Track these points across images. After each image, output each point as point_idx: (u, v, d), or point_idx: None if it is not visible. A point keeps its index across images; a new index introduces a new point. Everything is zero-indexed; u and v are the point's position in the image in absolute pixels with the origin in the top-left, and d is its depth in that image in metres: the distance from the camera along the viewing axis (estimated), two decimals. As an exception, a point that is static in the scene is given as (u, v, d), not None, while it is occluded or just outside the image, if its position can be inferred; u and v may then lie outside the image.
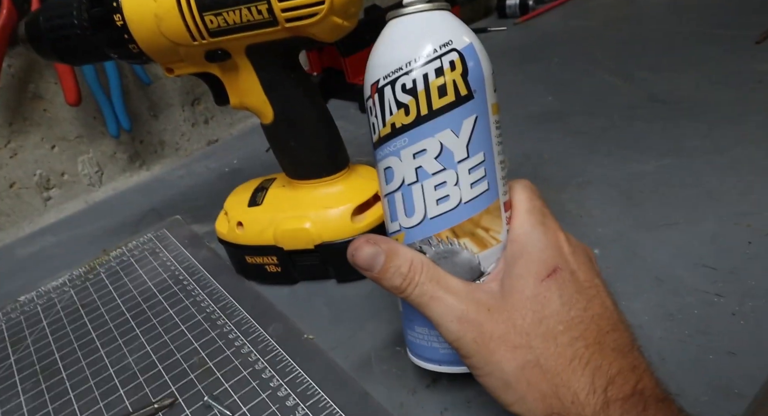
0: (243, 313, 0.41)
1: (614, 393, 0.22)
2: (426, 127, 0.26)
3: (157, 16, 0.34)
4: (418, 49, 0.25)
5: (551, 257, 0.26)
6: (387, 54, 0.26)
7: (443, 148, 0.26)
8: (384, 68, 0.26)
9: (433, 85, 0.25)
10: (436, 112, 0.26)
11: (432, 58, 0.25)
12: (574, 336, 0.24)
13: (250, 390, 0.34)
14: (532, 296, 0.25)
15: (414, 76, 0.25)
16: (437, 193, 0.26)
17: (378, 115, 0.27)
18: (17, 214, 0.60)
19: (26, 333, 0.44)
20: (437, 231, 0.27)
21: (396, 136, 0.26)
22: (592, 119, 0.58)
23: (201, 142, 0.72)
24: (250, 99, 0.38)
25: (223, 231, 0.43)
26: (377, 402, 0.32)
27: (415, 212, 0.27)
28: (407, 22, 0.26)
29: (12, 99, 0.57)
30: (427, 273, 0.26)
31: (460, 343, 0.25)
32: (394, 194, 0.28)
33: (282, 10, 0.33)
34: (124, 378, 0.37)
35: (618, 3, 0.93)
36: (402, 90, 0.26)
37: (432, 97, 0.25)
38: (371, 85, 0.27)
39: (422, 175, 0.26)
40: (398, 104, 0.26)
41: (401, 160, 0.27)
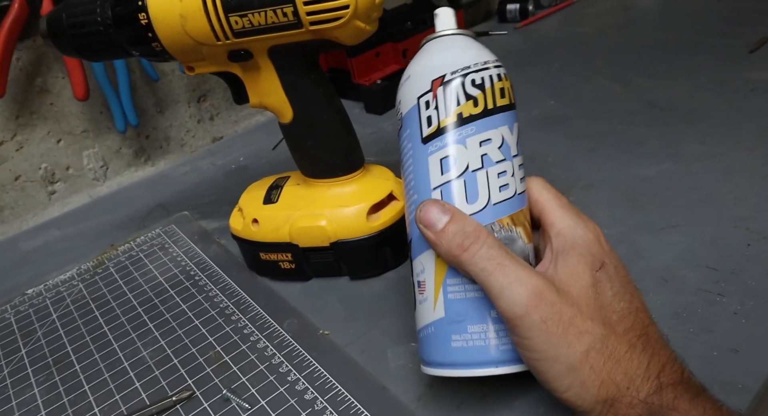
0: (257, 309, 0.41)
1: (666, 378, 0.24)
2: (491, 120, 0.29)
3: (182, 15, 0.35)
4: (481, 55, 0.30)
5: (598, 251, 0.27)
6: (451, 56, 0.30)
7: (504, 141, 0.29)
8: (451, 66, 0.29)
9: (496, 86, 0.30)
10: (498, 109, 0.29)
11: (495, 64, 0.30)
12: (626, 326, 0.25)
13: (268, 384, 0.35)
14: (591, 285, 0.26)
15: (483, 75, 0.29)
16: (500, 181, 0.29)
17: (441, 106, 0.29)
18: (21, 207, 0.60)
19: (36, 326, 0.44)
20: (500, 217, 0.28)
21: (463, 124, 0.29)
22: (593, 123, 0.60)
23: (206, 138, 0.72)
24: (270, 99, 0.39)
25: (237, 228, 0.43)
26: (395, 395, 0.33)
27: (478, 198, 0.28)
28: (457, 39, 0.31)
29: (19, 92, 0.56)
30: (493, 239, 0.26)
31: (523, 320, 0.24)
32: (451, 183, 0.28)
33: (307, 13, 0.33)
34: (140, 371, 0.38)
35: (613, 10, 0.95)
36: (472, 84, 0.29)
37: (495, 95, 0.29)
38: (433, 80, 0.29)
39: (487, 162, 0.29)
40: (467, 96, 0.29)
41: (467, 148, 0.29)
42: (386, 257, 0.43)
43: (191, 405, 0.35)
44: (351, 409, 0.32)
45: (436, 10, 0.32)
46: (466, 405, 0.32)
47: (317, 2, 0.33)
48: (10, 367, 0.40)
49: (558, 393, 0.25)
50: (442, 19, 0.32)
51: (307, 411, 0.33)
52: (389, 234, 0.41)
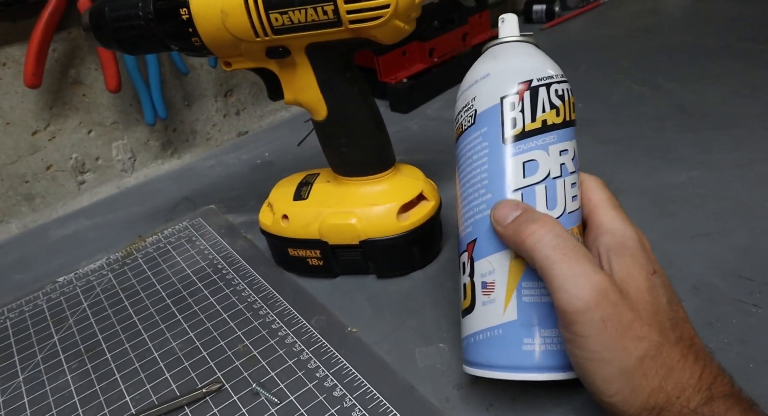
0: (285, 304, 0.42)
1: (717, 390, 0.23)
2: (568, 131, 0.30)
3: (223, 11, 0.35)
4: (556, 68, 0.31)
5: (649, 256, 0.27)
6: (535, 62, 0.30)
7: (575, 153, 0.30)
8: (537, 72, 0.30)
9: (571, 100, 0.31)
10: (571, 122, 0.30)
11: (564, 79, 0.31)
12: (678, 336, 0.25)
13: (297, 380, 0.35)
14: (647, 288, 0.25)
15: (563, 87, 0.30)
16: (573, 191, 0.30)
17: (527, 110, 0.29)
18: (52, 196, 0.61)
19: (68, 314, 0.45)
20: (572, 226, 0.29)
21: (546, 132, 0.29)
22: (621, 128, 0.59)
23: (231, 133, 0.73)
24: (305, 96, 0.39)
25: (267, 223, 0.44)
26: (423, 395, 0.33)
27: (557, 205, 0.29)
28: (535, 47, 0.32)
29: (54, 83, 0.57)
30: (564, 230, 0.26)
31: (583, 317, 0.24)
32: (534, 186, 0.29)
33: (347, 11, 0.33)
34: (169, 362, 0.38)
35: (641, 13, 0.93)
36: (555, 94, 0.30)
37: (571, 109, 0.30)
38: (522, 82, 0.30)
39: (564, 171, 0.29)
40: (551, 105, 0.29)
41: (549, 154, 0.29)
42: (414, 257, 0.43)
43: (221, 398, 0.35)
44: (380, 407, 0.32)
45: (503, 15, 0.33)
46: (495, 408, 0.32)
47: (358, 1, 0.33)
48: (44, 353, 0.41)
49: (604, 396, 0.24)
50: (509, 25, 0.32)
51: (336, 408, 0.33)
52: (418, 234, 0.41)
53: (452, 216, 0.45)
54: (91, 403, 0.36)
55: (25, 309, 0.46)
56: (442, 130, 0.66)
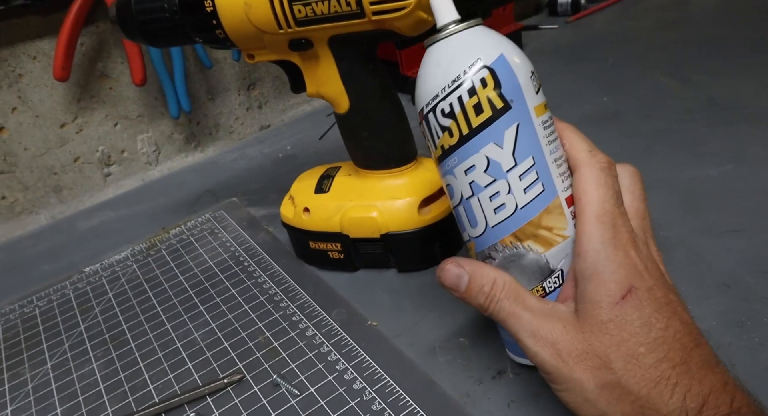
0: (305, 297, 0.42)
1: (710, 413, 0.22)
2: (470, 145, 0.27)
3: (247, 3, 0.35)
4: (449, 73, 0.27)
5: (625, 277, 0.25)
6: (426, 82, 0.28)
7: (490, 161, 0.27)
8: (425, 96, 0.28)
9: (468, 105, 0.27)
10: (476, 130, 0.27)
11: (462, 80, 0.27)
12: (658, 358, 0.24)
13: (317, 372, 0.35)
14: (608, 320, 0.25)
15: (450, 101, 0.27)
16: (493, 203, 0.28)
17: (429, 138, 0.29)
18: (79, 188, 0.62)
19: (93, 303, 0.46)
20: (501, 238, 0.28)
21: (447, 156, 0.28)
22: (649, 121, 0.58)
23: (254, 126, 0.74)
24: (328, 88, 0.39)
25: (288, 216, 0.44)
26: (444, 390, 0.33)
27: (477, 223, 0.29)
28: (439, 47, 0.28)
29: (82, 76, 0.58)
30: (507, 291, 0.27)
31: (537, 359, 0.26)
32: (458, 208, 0.29)
33: (371, 2, 0.33)
34: (192, 352, 0.39)
35: (669, 5, 0.91)
36: (442, 115, 0.27)
37: (469, 116, 0.27)
38: (418, 112, 0.29)
39: (476, 188, 0.28)
40: (442, 128, 0.28)
41: (456, 178, 0.28)
42: (435, 251, 0.42)
43: (242, 388, 0.35)
44: (399, 401, 0.32)
45: None
46: (516, 404, 0.32)
47: (382, -8, 0.33)
48: (71, 341, 0.42)
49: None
50: (436, 12, 0.29)
51: (356, 401, 0.33)
52: (439, 228, 0.41)
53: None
54: (116, 391, 0.37)
55: (53, 297, 0.47)
56: None
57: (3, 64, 0.54)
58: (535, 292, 0.29)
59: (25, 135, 0.57)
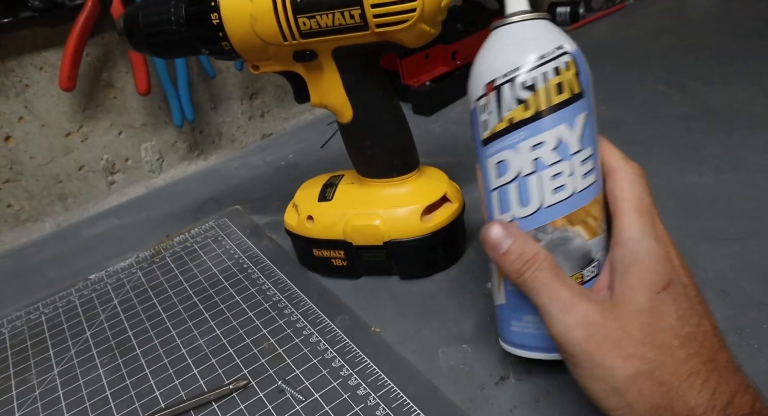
0: (309, 304, 0.42)
1: (734, 411, 0.23)
2: (544, 121, 0.28)
3: (252, 16, 0.36)
4: (536, 49, 0.28)
5: (665, 269, 0.26)
6: (502, 55, 0.29)
7: (560, 141, 0.28)
8: (501, 68, 0.28)
9: (551, 82, 0.28)
10: (554, 108, 0.28)
11: (550, 58, 0.28)
12: (690, 352, 0.24)
13: (321, 378, 0.36)
14: (648, 308, 0.25)
15: (534, 74, 0.28)
16: (554, 183, 0.28)
17: (494, 111, 0.29)
18: (84, 196, 0.63)
19: (99, 310, 0.46)
20: (553, 219, 0.29)
21: (514, 130, 0.28)
22: (646, 129, 0.59)
23: (256, 135, 0.74)
24: (331, 98, 0.39)
25: (292, 224, 0.45)
26: (447, 395, 0.33)
27: (531, 201, 0.29)
28: (517, 29, 0.29)
29: (87, 86, 0.59)
30: (547, 263, 0.27)
31: (566, 337, 0.25)
32: (507, 185, 0.29)
33: (374, 15, 0.34)
34: (197, 358, 0.39)
35: (667, 13, 0.92)
36: (522, 87, 0.28)
37: (551, 93, 0.28)
38: (486, 84, 0.29)
39: (540, 165, 0.28)
40: (517, 100, 0.28)
41: (518, 152, 0.28)
42: (437, 258, 0.43)
43: (247, 394, 0.36)
44: (403, 407, 0.33)
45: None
46: (519, 409, 0.32)
47: (385, 5, 0.33)
48: (77, 348, 0.42)
49: (607, 411, 0.25)
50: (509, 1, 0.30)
51: (360, 407, 0.33)
52: (442, 235, 0.42)
53: (475, 218, 0.45)
54: (122, 397, 0.37)
55: (58, 304, 0.47)
56: (464, 132, 0.65)
57: (10, 74, 0.55)
58: (575, 278, 0.29)
59: (31, 144, 0.58)
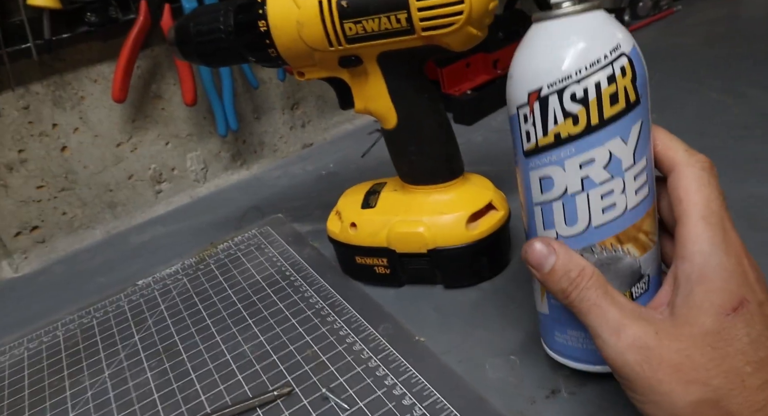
0: (352, 312, 0.42)
1: None
2: (596, 137, 0.25)
3: (299, 22, 0.36)
4: (588, 54, 0.25)
5: (737, 287, 0.23)
6: (548, 60, 0.25)
7: (612, 157, 0.26)
8: (548, 75, 0.25)
9: (605, 93, 0.25)
10: (607, 121, 0.25)
11: (604, 64, 0.25)
12: (765, 380, 0.22)
13: (365, 387, 0.35)
14: (714, 331, 0.23)
15: (585, 85, 0.25)
16: (603, 202, 0.26)
17: (538, 123, 0.26)
18: (132, 204, 0.65)
19: (147, 315, 0.47)
20: (601, 240, 0.27)
21: (560, 145, 0.26)
22: (701, 138, 0.56)
23: (297, 144, 0.75)
24: (376, 104, 0.39)
25: (335, 231, 0.44)
26: (494, 408, 0.32)
27: (577, 221, 0.27)
28: (565, 25, 0.25)
29: (137, 98, 0.61)
30: (595, 281, 0.26)
31: (619, 361, 0.24)
32: (552, 203, 0.27)
33: (420, 19, 0.34)
34: (241, 364, 0.39)
35: (718, 20, 0.89)
36: (571, 99, 0.25)
37: (603, 105, 0.25)
38: (530, 93, 0.26)
39: (588, 184, 0.26)
40: (565, 114, 0.25)
41: (565, 170, 0.26)
42: (482, 267, 0.42)
43: (291, 401, 0.35)
44: (450, 418, 0.32)
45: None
46: (572, 425, 0.31)
47: (432, 8, 0.33)
48: (126, 351, 0.43)
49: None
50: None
51: (405, 417, 0.33)
52: (487, 244, 0.41)
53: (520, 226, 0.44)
54: (169, 400, 0.37)
55: (108, 309, 0.49)
56: (506, 142, 0.64)
57: (67, 87, 0.57)
58: None
59: (85, 154, 0.60)
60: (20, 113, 0.55)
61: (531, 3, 0.80)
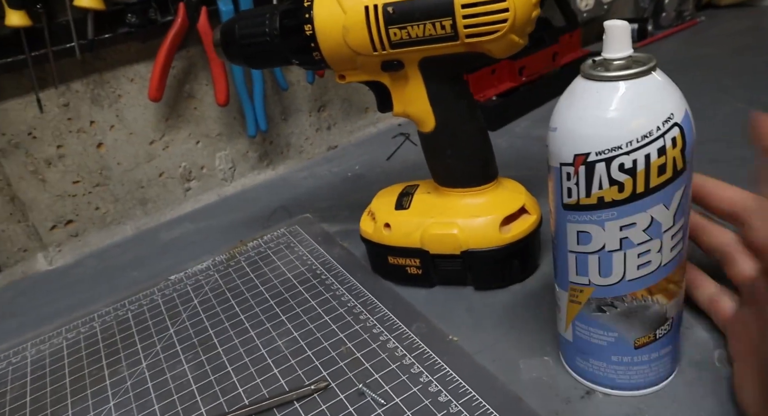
0: (384, 310, 0.43)
1: None
2: (639, 204, 0.26)
3: (345, 27, 0.37)
4: (640, 127, 0.24)
5: None
6: (598, 125, 0.25)
7: (653, 221, 0.26)
8: (597, 143, 0.25)
9: (654, 164, 0.25)
10: (652, 190, 0.25)
11: (656, 137, 0.24)
12: None
13: (401, 383, 0.36)
14: None
15: (635, 157, 0.24)
16: (639, 260, 0.27)
17: (581, 184, 0.26)
18: (162, 201, 0.66)
19: (180, 309, 0.48)
20: (633, 291, 0.28)
21: (603, 208, 0.26)
22: (730, 148, 0.57)
23: (322, 146, 0.76)
24: (414, 108, 0.40)
25: (368, 231, 0.45)
26: (531, 407, 0.33)
27: (612, 274, 0.28)
28: (620, 89, 0.25)
29: (171, 97, 0.62)
30: None
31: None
32: (588, 255, 0.28)
33: (465, 26, 0.35)
34: (276, 359, 0.40)
35: (742, 31, 0.89)
36: (619, 169, 0.25)
37: (651, 175, 0.25)
38: (576, 155, 0.26)
39: (627, 244, 0.27)
40: (611, 181, 0.25)
41: (605, 230, 0.27)
42: (513, 270, 0.43)
43: (328, 396, 0.36)
44: None
45: (608, 22, 0.26)
46: (608, 425, 0.31)
47: (477, 16, 0.34)
48: (162, 343, 0.44)
49: None
50: (613, 42, 0.25)
51: (442, 413, 0.33)
52: (519, 247, 0.41)
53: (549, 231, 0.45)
54: (207, 392, 0.38)
55: (143, 303, 0.50)
56: (531, 147, 0.66)
57: (106, 85, 0.58)
58: (646, 338, 0.29)
59: (120, 151, 0.61)
60: (60, 110, 0.57)
61: (555, 10, 0.81)
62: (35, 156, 0.57)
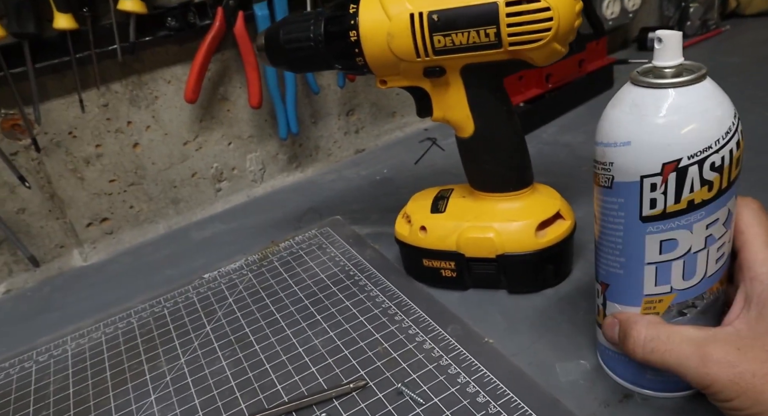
0: (419, 312, 0.43)
1: None
2: (722, 199, 0.27)
3: (389, 34, 0.38)
4: (721, 124, 0.25)
5: None
6: (691, 130, 0.25)
7: (729, 213, 0.28)
8: (690, 146, 0.25)
9: (735, 157, 0.26)
10: (731, 183, 0.27)
11: (734, 131, 0.26)
12: None
13: (438, 384, 0.37)
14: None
15: (722, 153, 0.25)
16: (717, 254, 0.29)
17: (670, 192, 0.26)
18: (194, 201, 0.67)
19: (216, 307, 0.49)
20: (711, 286, 0.29)
21: (692, 211, 0.27)
22: (759, 156, 0.57)
23: (350, 150, 0.77)
24: (454, 113, 0.41)
25: (404, 234, 0.46)
26: (570, 409, 0.33)
27: (695, 275, 0.29)
28: (690, 95, 0.26)
29: (206, 99, 0.64)
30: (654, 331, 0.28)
31: (715, 387, 0.25)
32: (671, 262, 0.28)
33: (509, 34, 0.35)
34: (314, 357, 0.41)
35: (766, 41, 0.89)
36: (710, 168, 0.25)
37: (732, 170, 0.26)
38: (665, 164, 0.26)
39: (710, 241, 0.28)
40: (703, 182, 0.26)
41: (692, 232, 0.27)
42: (548, 274, 0.43)
43: (366, 394, 0.37)
44: (526, 417, 0.33)
45: (659, 33, 0.26)
46: (648, 429, 0.31)
47: (521, 25, 0.35)
48: (199, 340, 0.45)
49: None
50: (667, 51, 0.26)
51: (481, 414, 0.34)
52: (554, 251, 0.42)
53: (582, 237, 0.45)
54: (246, 388, 0.39)
55: (178, 300, 0.51)
56: (559, 154, 0.66)
57: (144, 87, 0.60)
58: None
59: (155, 151, 0.63)
60: (100, 110, 0.58)
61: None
62: (75, 155, 0.58)
